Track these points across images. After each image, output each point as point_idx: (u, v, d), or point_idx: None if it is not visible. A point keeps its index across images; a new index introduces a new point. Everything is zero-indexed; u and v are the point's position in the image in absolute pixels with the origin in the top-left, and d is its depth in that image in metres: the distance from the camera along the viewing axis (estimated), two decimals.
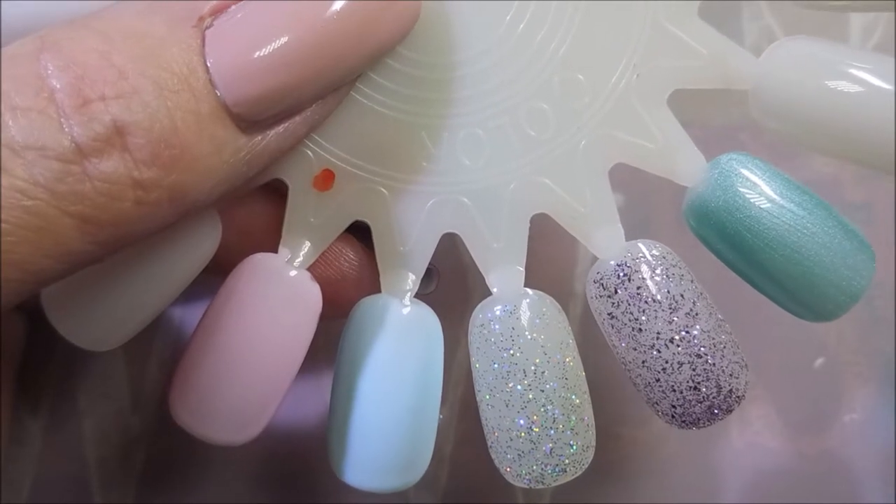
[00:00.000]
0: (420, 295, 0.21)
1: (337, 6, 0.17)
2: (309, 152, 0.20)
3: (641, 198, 0.28)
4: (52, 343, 0.27)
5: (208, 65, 0.17)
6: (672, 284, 0.20)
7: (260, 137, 0.18)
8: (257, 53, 0.17)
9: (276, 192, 0.20)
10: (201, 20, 0.17)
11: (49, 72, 0.16)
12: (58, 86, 0.16)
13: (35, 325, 0.26)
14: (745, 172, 0.19)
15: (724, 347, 0.20)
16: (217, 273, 0.20)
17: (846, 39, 0.29)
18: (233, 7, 0.17)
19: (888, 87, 0.19)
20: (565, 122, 0.20)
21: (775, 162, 0.20)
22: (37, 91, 0.15)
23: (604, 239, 0.20)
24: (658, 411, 0.20)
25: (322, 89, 0.18)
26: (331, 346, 0.21)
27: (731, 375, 0.20)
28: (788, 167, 0.20)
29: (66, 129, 0.15)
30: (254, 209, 0.22)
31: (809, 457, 0.29)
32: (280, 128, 0.18)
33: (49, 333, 0.20)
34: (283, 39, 0.17)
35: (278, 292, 0.20)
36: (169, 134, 0.16)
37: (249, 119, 0.17)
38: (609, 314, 0.20)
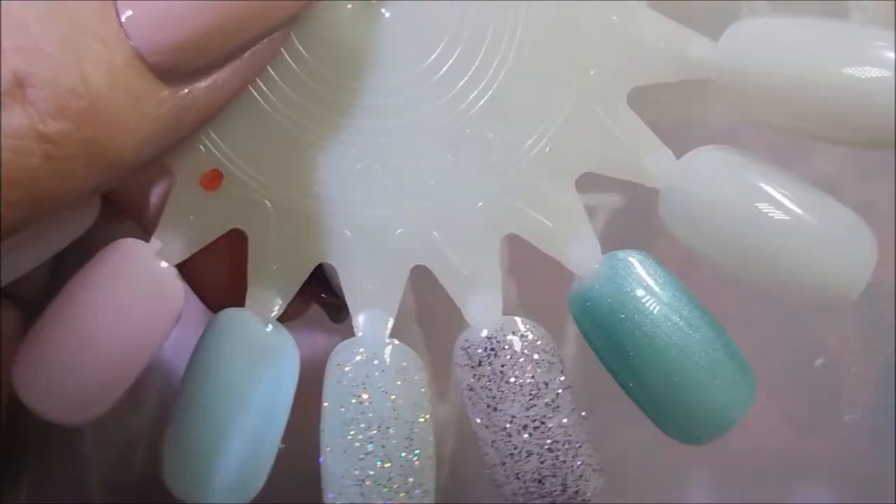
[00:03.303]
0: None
1: None
2: (202, 147, 0.19)
3: (640, 196, 0.27)
4: None
5: (120, 12, 0.16)
6: (539, 371, 0.19)
7: (187, 91, 0.17)
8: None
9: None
10: None
11: None
12: None
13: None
14: (641, 273, 0.18)
15: (580, 447, 0.19)
16: None
17: None
18: None
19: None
20: (468, 177, 0.19)
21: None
22: None
23: (579, 253, 0.19)
24: (501, 494, 0.19)
25: (249, 37, 0.17)
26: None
27: (580, 477, 0.19)
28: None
29: None
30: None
31: (809, 457, 0.29)
32: (209, 80, 0.17)
33: None
34: None
35: (141, 282, 0.19)
36: (76, 85, 0.15)
37: (170, 70, 0.16)
38: (468, 386, 0.19)
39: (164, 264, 0.19)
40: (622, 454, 0.28)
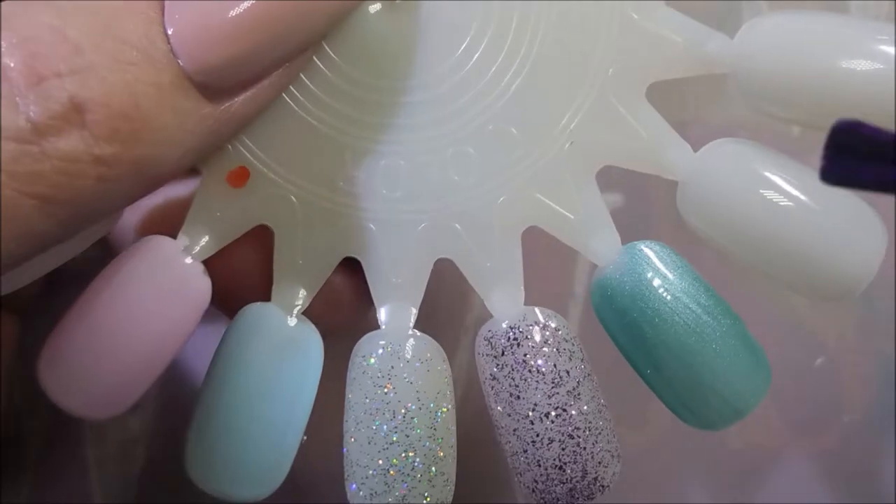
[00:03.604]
0: None
1: None
2: (228, 145, 0.19)
3: (640, 195, 0.28)
4: None
5: (168, 34, 0.16)
6: (561, 359, 0.19)
7: (227, 104, 0.17)
8: (219, 19, 0.16)
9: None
10: None
11: (2, 49, 0.15)
12: (11, 64, 0.15)
13: (32, 326, 0.26)
14: (658, 263, 0.19)
15: (600, 433, 0.19)
16: None
17: None
18: None
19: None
20: (490, 172, 0.19)
21: None
22: None
23: (600, 245, 0.19)
24: (520, 482, 0.20)
25: (288, 53, 0.18)
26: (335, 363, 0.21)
27: (599, 463, 0.19)
28: None
29: (22, 109, 0.15)
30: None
31: (809, 457, 0.29)
32: (248, 93, 0.17)
33: (46, 334, 0.20)
34: (246, 4, 0.16)
35: (167, 278, 0.19)
36: (129, 108, 0.16)
37: (214, 87, 0.17)
38: (491, 375, 0.19)
39: (189, 260, 0.19)
40: (622, 454, 0.29)
